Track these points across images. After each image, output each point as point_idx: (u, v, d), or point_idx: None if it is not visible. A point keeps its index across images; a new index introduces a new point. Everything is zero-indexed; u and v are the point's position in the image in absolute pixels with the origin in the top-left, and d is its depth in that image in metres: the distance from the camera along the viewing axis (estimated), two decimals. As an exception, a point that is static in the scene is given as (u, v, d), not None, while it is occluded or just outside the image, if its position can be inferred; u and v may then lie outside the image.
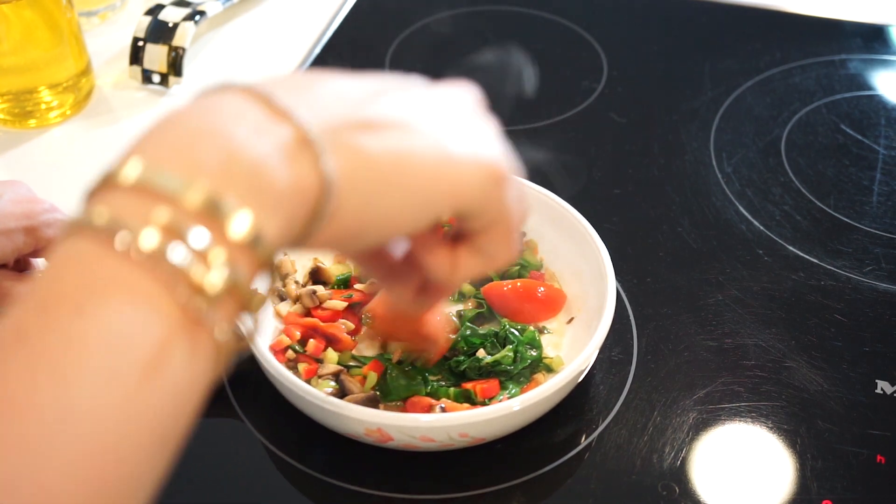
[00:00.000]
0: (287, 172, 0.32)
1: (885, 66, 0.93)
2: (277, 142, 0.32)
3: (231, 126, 0.32)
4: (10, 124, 0.83)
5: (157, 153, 0.31)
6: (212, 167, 0.31)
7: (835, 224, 0.75)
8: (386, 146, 0.35)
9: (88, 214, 0.30)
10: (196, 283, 0.30)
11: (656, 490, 0.56)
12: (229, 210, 0.30)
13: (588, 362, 0.57)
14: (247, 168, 0.31)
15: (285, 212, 0.32)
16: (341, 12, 0.99)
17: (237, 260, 0.31)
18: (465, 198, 0.38)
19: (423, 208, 0.37)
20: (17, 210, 0.55)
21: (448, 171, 0.37)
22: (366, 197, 0.35)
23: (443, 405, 0.57)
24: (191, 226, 0.30)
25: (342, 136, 0.34)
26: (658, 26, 0.99)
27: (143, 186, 0.30)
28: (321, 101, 0.35)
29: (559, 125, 0.85)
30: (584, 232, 0.63)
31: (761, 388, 0.62)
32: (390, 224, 0.37)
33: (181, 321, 0.30)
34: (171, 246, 0.29)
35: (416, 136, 0.36)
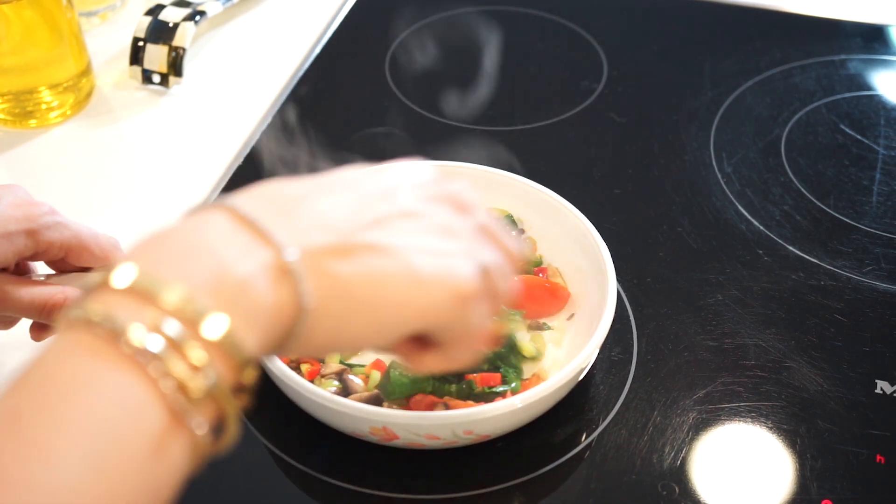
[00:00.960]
0: (267, 292, 0.35)
1: (885, 66, 0.93)
2: (260, 263, 0.35)
3: (220, 246, 0.35)
4: (10, 124, 0.83)
5: (150, 261, 0.34)
6: (200, 278, 0.34)
7: (835, 224, 0.75)
8: (359, 272, 0.38)
9: (86, 310, 0.33)
10: (180, 381, 0.32)
11: (656, 490, 0.56)
12: (213, 316, 0.33)
13: (589, 360, 0.57)
14: (232, 284, 0.34)
15: (263, 327, 0.35)
16: (341, 12, 0.99)
17: (218, 363, 0.33)
18: (431, 319, 0.40)
19: (391, 328, 0.40)
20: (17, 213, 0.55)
21: (416, 294, 0.39)
22: (338, 319, 0.38)
23: (446, 402, 0.57)
24: (176, 326, 0.32)
25: (320, 262, 0.37)
26: (658, 26, 0.99)
27: (136, 290, 0.33)
28: (301, 226, 0.38)
29: (559, 125, 0.85)
30: (584, 230, 0.63)
31: (761, 388, 0.62)
32: (360, 341, 0.40)
33: (165, 417, 0.32)
34: (156, 343, 0.32)
35: (388, 259, 0.39)
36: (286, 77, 0.90)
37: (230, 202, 0.37)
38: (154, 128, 0.84)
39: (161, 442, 0.32)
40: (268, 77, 0.90)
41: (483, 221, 0.44)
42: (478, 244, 0.43)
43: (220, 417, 0.34)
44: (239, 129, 0.84)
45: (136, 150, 0.82)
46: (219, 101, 0.87)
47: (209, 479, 0.57)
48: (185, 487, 0.34)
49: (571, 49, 0.95)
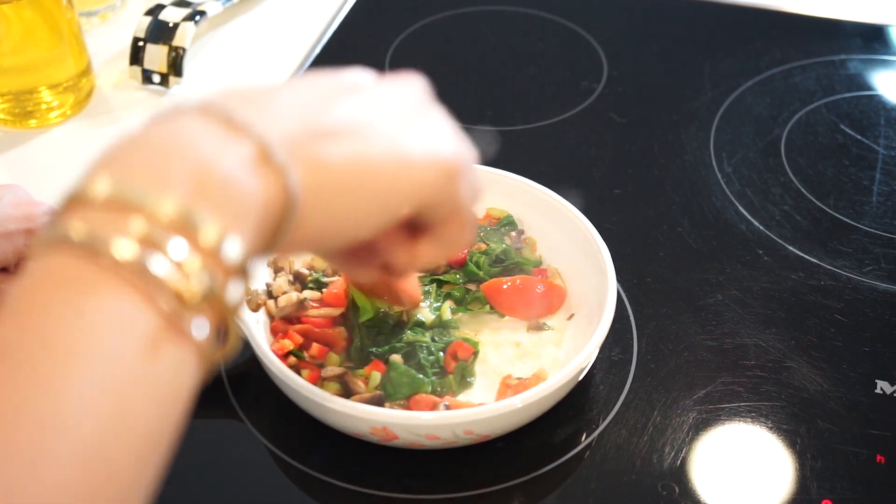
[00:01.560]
0: (253, 185, 0.33)
1: (885, 66, 0.93)
2: (241, 157, 0.34)
3: (196, 143, 0.33)
4: (10, 124, 0.83)
5: (125, 170, 0.32)
6: (182, 181, 0.32)
7: (835, 224, 0.75)
8: (344, 153, 0.37)
9: (63, 229, 0.31)
10: (175, 291, 0.31)
11: (656, 490, 0.56)
12: (201, 220, 0.31)
13: (589, 360, 0.57)
14: (215, 182, 0.32)
15: (253, 223, 0.33)
16: (341, 12, 0.99)
17: (212, 267, 0.32)
18: (422, 195, 0.39)
19: (383, 210, 0.38)
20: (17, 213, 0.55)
21: (404, 172, 0.38)
22: (328, 204, 0.36)
23: (446, 403, 0.58)
24: (166, 235, 0.31)
25: (301, 147, 0.36)
26: (658, 26, 0.99)
27: (115, 201, 0.31)
28: (278, 114, 0.36)
29: (559, 125, 0.85)
30: (584, 231, 0.63)
31: (761, 388, 0.62)
32: (353, 227, 0.38)
33: (162, 327, 0.30)
34: (148, 255, 0.30)
35: (372, 139, 0.38)
36: (286, 77, 0.90)
37: (196, 102, 0.35)
38: (154, 128, 0.84)
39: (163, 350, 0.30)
40: (268, 77, 0.90)
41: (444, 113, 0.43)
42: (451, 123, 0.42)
43: (220, 322, 0.33)
44: (239, 129, 0.83)
45: (136, 150, 0.82)
46: (219, 101, 0.87)
47: (209, 479, 0.57)
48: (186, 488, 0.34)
49: (571, 49, 0.95)
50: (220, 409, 0.60)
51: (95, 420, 0.29)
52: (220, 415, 0.60)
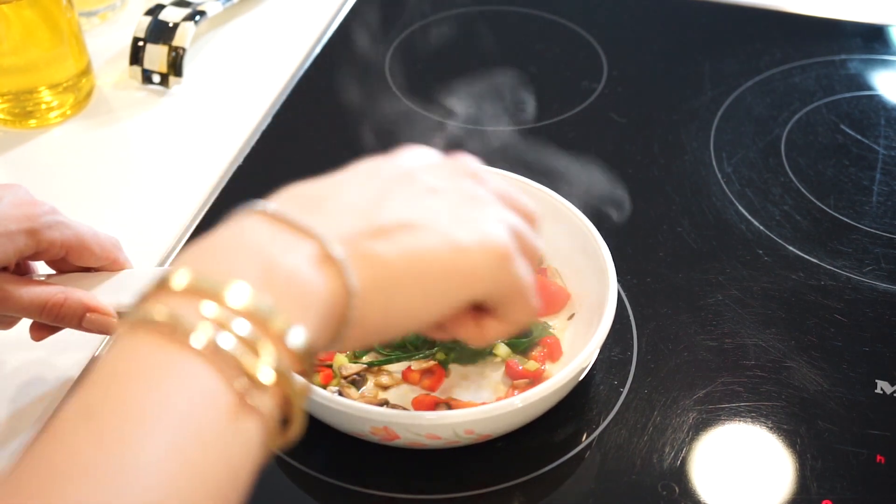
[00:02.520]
0: (316, 282, 0.36)
1: (885, 66, 0.93)
2: (305, 256, 0.37)
3: (263, 243, 0.37)
4: (10, 124, 0.83)
5: (202, 264, 0.35)
6: (253, 275, 0.35)
7: (835, 224, 0.75)
8: (399, 249, 0.39)
9: (147, 312, 0.34)
10: (249, 372, 0.33)
11: (656, 490, 0.56)
12: (271, 310, 0.34)
13: (590, 360, 0.57)
14: (282, 277, 0.36)
15: (316, 315, 0.36)
16: (341, 12, 0.99)
17: (281, 354, 0.34)
18: (477, 284, 0.42)
19: (440, 300, 0.41)
20: (17, 213, 0.55)
21: (458, 262, 0.41)
22: (386, 299, 0.39)
23: (448, 402, 0.58)
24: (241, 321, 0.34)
25: (359, 246, 0.39)
26: (658, 26, 0.99)
27: (194, 289, 0.34)
28: (337, 215, 0.39)
29: (559, 125, 0.85)
30: (584, 231, 0.63)
31: (761, 388, 0.62)
32: (412, 319, 0.41)
33: (235, 404, 0.33)
34: (222, 336, 0.33)
35: (424, 233, 0.40)
36: (286, 77, 0.90)
37: (261, 206, 0.38)
38: (154, 128, 0.84)
39: (234, 422, 0.33)
40: (268, 77, 0.90)
41: (498, 187, 0.45)
42: (501, 208, 0.44)
43: (287, 407, 0.35)
44: (239, 129, 0.84)
45: (136, 150, 0.82)
46: (219, 101, 0.87)
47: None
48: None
49: (571, 49, 0.95)
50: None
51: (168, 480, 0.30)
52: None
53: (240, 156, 0.81)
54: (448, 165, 0.45)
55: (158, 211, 0.76)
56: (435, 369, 0.60)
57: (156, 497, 0.30)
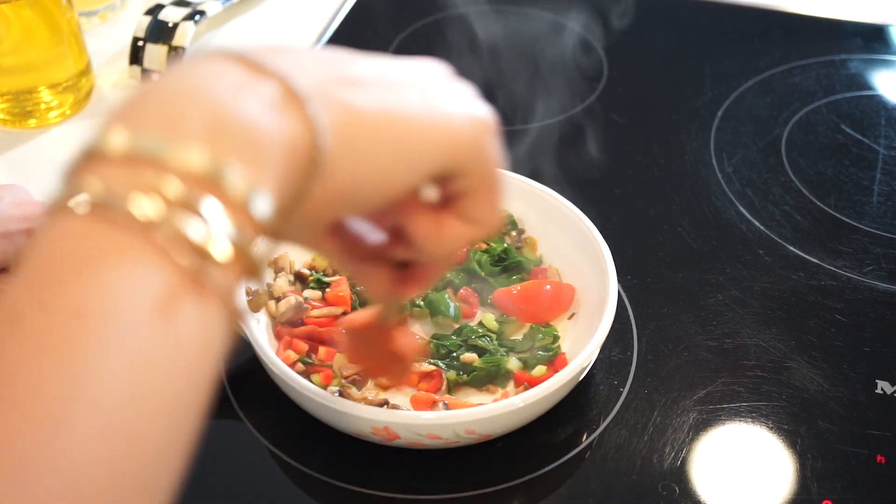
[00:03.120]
0: (277, 129, 0.31)
1: (885, 66, 0.93)
2: (263, 99, 0.31)
3: (212, 86, 0.31)
4: (10, 124, 0.83)
5: (141, 121, 0.30)
6: (201, 130, 0.30)
7: (835, 224, 0.75)
8: (374, 100, 0.35)
9: (78, 188, 0.29)
10: (202, 249, 0.29)
11: (656, 490, 0.56)
12: (227, 173, 0.29)
13: (590, 360, 0.57)
14: (236, 128, 0.30)
15: (279, 170, 0.31)
16: (341, 12, 0.99)
17: (240, 223, 0.30)
18: (456, 149, 0.37)
19: (416, 162, 0.36)
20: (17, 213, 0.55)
21: (439, 123, 0.36)
22: (358, 153, 0.34)
23: (445, 402, 0.58)
24: (191, 191, 0.29)
25: (329, 91, 0.33)
26: (658, 26, 0.99)
27: (133, 155, 0.29)
28: (304, 61, 0.34)
29: (559, 125, 0.85)
30: (585, 231, 0.63)
31: (761, 388, 0.62)
32: (384, 181, 0.36)
33: (186, 283, 0.29)
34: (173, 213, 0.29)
35: (403, 91, 0.36)
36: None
37: (216, 48, 0.33)
38: (154, 128, 0.84)
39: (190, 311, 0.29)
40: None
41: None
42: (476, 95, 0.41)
43: (246, 278, 0.31)
44: (239, 129, 0.83)
45: (136, 150, 0.82)
46: (219, 100, 0.87)
47: (209, 481, 0.57)
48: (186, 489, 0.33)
49: (571, 49, 0.95)
50: (220, 409, 0.60)
51: (116, 388, 0.27)
52: (220, 415, 0.60)
53: (240, 156, 0.81)
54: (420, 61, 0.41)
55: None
56: (434, 373, 0.60)
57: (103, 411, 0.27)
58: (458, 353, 0.60)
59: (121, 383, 0.27)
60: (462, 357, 0.60)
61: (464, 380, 0.59)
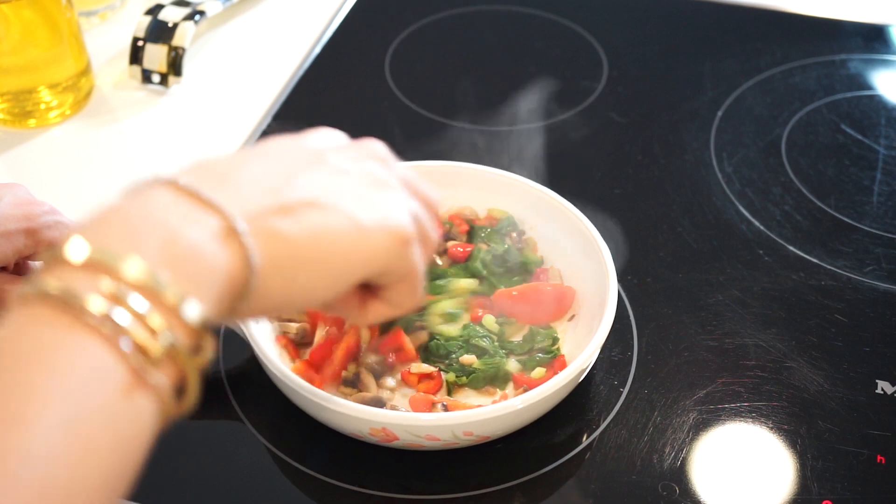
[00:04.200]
0: (216, 256, 0.36)
1: (885, 66, 0.93)
2: (209, 231, 0.36)
3: (166, 216, 0.36)
4: (9, 124, 0.83)
5: (100, 236, 0.35)
6: (151, 247, 0.35)
7: (835, 224, 0.75)
8: (303, 228, 0.39)
9: (41, 285, 0.33)
10: (141, 344, 0.33)
11: (656, 490, 0.56)
12: (164, 283, 0.34)
13: (590, 361, 0.57)
14: (183, 250, 0.35)
15: (215, 289, 0.36)
16: (341, 12, 0.99)
17: (174, 326, 0.34)
18: (376, 264, 0.42)
19: (339, 278, 0.42)
20: (16, 212, 0.55)
21: (359, 243, 0.41)
22: (287, 274, 0.39)
23: (444, 403, 0.58)
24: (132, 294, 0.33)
25: (264, 223, 0.38)
26: (658, 26, 0.99)
27: (90, 263, 0.34)
28: (243, 189, 0.39)
29: (559, 125, 0.85)
30: (584, 231, 0.63)
31: (761, 388, 0.62)
32: (310, 295, 0.41)
33: (129, 380, 0.33)
34: (115, 310, 0.33)
35: (329, 213, 0.41)
36: (286, 77, 0.90)
37: (167, 177, 0.38)
38: (154, 128, 0.84)
39: (127, 398, 0.33)
40: (267, 77, 0.90)
41: (403, 174, 0.46)
42: (405, 194, 0.45)
43: (181, 379, 0.35)
44: (239, 129, 0.83)
45: (136, 150, 0.82)
46: (218, 100, 0.87)
47: (209, 481, 0.57)
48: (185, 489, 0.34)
49: (571, 49, 0.95)
50: (220, 409, 0.60)
51: (60, 456, 0.30)
52: (220, 415, 0.60)
53: (239, 156, 0.81)
54: (356, 148, 0.46)
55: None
56: (434, 375, 0.60)
57: (45, 476, 0.30)
58: (458, 355, 0.60)
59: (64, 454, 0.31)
60: (461, 359, 0.60)
61: (463, 381, 0.59)
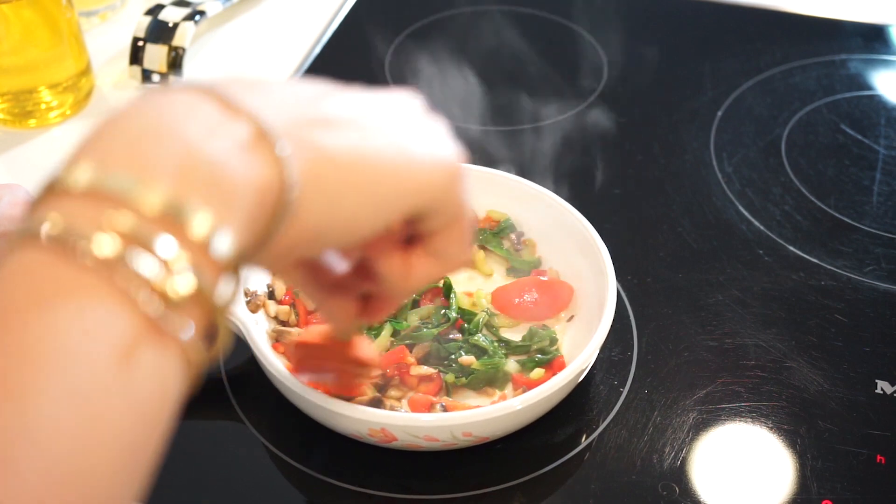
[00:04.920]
0: (246, 170, 0.31)
1: (885, 66, 0.93)
2: (234, 139, 0.31)
3: (184, 124, 0.31)
4: (10, 124, 0.83)
5: (106, 156, 0.30)
6: (167, 168, 0.30)
7: (835, 224, 0.75)
8: (346, 143, 0.35)
9: (38, 223, 0.28)
10: (159, 289, 0.28)
11: (656, 490, 0.56)
12: (190, 213, 0.29)
13: (589, 361, 0.57)
14: (204, 167, 0.30)
15: (246, 212, 0.31)
16: (341, 12, 0.99)
17: (201, 265, 0.29)
18: (426, 194, 0.37)
19: (385, 206, 0.36)
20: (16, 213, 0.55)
21: (409, 167, 0.36)
22: (328, 195, 0.34)
23: (443, 404, 0.57)
24: (151, 230, 0.29)
25: (301, 132, 0.33)
26: (658, 26, 0.99)
27: (96, 191, 0.29)
28: (277, 99, 0.34)
29: (559, 125, 0.85)
30: (584, 231, 0.63)
31: (761, 388, 0.62)
32: (353, 224, 0.36)
33: (144, 329, 0.28)
34: (131, 252, 0.28)
35: (374, 133, 0.36)
36: (286, 77, 0.90)
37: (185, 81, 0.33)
38: (154, 128, 0.84)
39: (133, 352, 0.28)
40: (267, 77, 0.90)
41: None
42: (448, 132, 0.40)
43: (209, 323, 0.30)
44: (239, 129, 0.83)
45: (136, 150, 0.82)
46: (219, 101, 0.87)
47: (209, 481, 0.57)
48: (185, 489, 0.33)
49: (571, 49, 0.95)
50: (220, 409, 0.60)
51: (67, 433, 0.27)
52: (220, 415, 0.60)
53: (239, 156, 0.81)
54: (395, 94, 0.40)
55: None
56: (434, 377, 0.60)
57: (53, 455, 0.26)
58: (457, 356, 0.60)
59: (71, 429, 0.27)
60: (461, 360, 0.60)
61: (462, 382, 0.59)
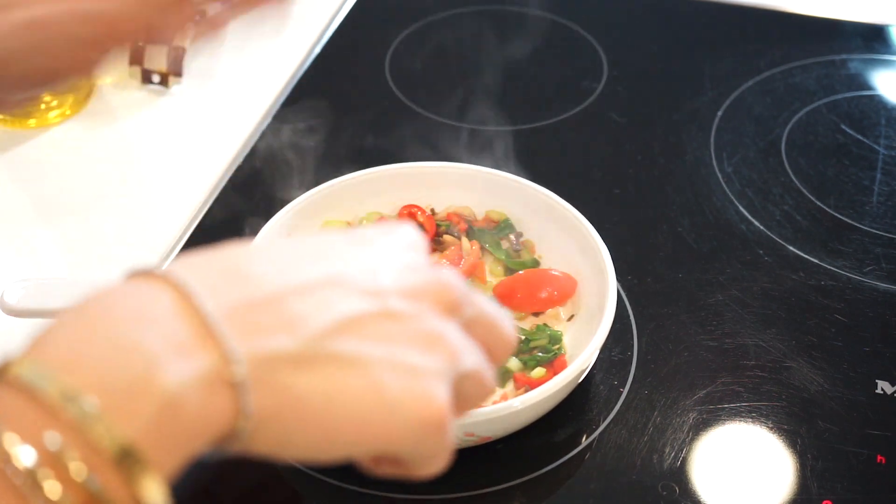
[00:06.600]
0: (199, 409, 0.30)
1: (885, 66, 0.93)
2: (199, 374, 0.30)
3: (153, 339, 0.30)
4: (9, 124, 0.83)
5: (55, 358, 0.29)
6: (121, 383, 0.29)
7: (835, 224, 0.75)
8: (318, 385, 0.33)
9: None
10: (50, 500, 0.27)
11: (656, 490, 0.56)
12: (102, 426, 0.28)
13: (589, 361, 0.57)
14: (156, 397, 0.29)
15: (182, 441, 0.30)
16: (341, 12, 0.99)
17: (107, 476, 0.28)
18: (393, 444, 0.35)
19: (345, 447, 0.34)
20: None
21: (380, 415, 0.34)
22: (283, 433, 0.33)
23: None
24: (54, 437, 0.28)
25: (272, 372, 0.32)
26: (658, 26, 0.99)
27: (19, 385, 0.28)
28: (262, 322, 0.32)
29: (559, 125, 0.85)
30: (584, 231, 0.63)
31: (761, 388, 0.62)
32: (305, 454, 0.34)
33: None
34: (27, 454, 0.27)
35: (354, 374, 0.33)
36: (286, 77, 0.90)
37: (182, 275, 0.31)
38: (154, 128, 0.84)
39: None
40: (268, 77, 0.90)
41: (474, 313, 0.38)
42: (463, 347, 0.37)
43: None
44: (239, 129, 0.83)
45: (136, 150, 0.82)
46: (219, 101, 0.87)
47: (209, 479, 0.57)
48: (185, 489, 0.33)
49: (571, 49, 0.95)
50: (220, 409, 0.60)
51: None
52: (219, 415, 0.60)
53: (240, 156, 0.81)
54: (422, 274, 0.37)
55: (158, 211, 0.76)
56: None
57: None
58: None
59: None
60: None
61: None
